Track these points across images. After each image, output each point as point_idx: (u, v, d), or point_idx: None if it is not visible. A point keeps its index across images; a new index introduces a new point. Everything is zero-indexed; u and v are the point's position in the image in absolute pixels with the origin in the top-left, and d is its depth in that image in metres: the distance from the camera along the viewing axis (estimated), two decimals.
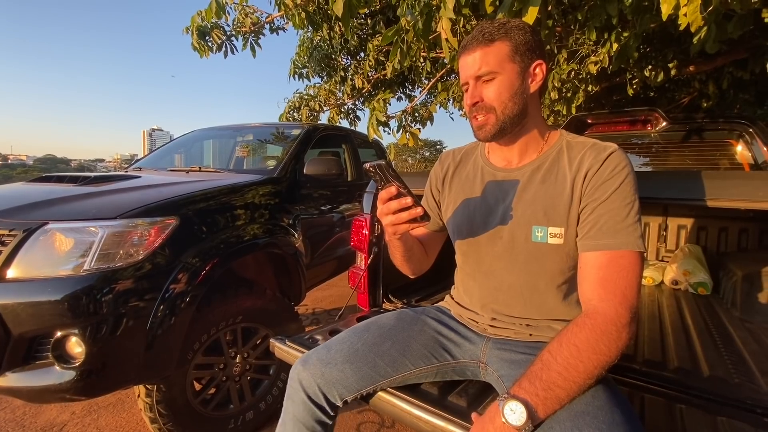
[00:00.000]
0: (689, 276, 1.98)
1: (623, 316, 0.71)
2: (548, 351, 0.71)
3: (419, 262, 1.08)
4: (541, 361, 0.70)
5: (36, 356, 1.29)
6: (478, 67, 0.86)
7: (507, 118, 0.87)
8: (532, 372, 0.69)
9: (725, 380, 1.09)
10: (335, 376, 0.90)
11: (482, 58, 0.85)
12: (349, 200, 2.74)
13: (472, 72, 0.87)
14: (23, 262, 1.29)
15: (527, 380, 0.68)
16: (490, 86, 0.86)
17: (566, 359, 0.68)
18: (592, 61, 2.66)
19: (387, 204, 0.80)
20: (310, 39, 4.71)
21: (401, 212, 0.79)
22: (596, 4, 1.66)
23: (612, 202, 0.79)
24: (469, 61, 0.87)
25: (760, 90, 4.10)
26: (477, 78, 0.87)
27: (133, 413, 1.92)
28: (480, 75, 0.86)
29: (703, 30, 1.52)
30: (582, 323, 0.72)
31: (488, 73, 0.85)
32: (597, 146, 0.85)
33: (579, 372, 0.67)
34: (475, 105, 0.88)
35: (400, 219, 0.80)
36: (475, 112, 0.89)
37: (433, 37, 1.90)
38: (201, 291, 1.50)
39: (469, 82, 0.89)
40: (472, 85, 0.88)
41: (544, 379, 0.67)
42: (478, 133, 0.91)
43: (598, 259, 0.78)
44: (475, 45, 0.86)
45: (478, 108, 0.88)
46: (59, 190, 1.65)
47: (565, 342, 0.70)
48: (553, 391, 0.66)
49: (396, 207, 0.79)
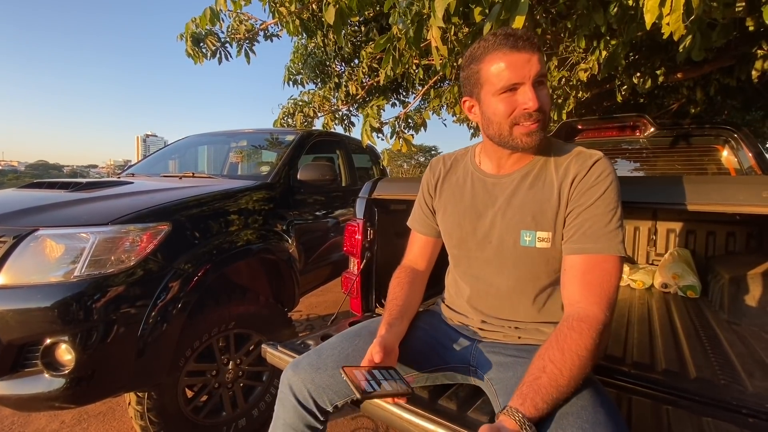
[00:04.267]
0: (678, 279, 2.01)
1: (608, 318, 0.75)
2: (552, 362, 0.70)
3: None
4: (546, 375, 0.69)
5: (25, 364, 1.27)
6: (539, 68, 0.81)
7: (547, 125, 0.86)
8: (541, 387, 0.68)
9: (712, 382, 1.10)
10: (325, 381, 0.90)
11: (541, 61, 0.81)
12: (343, 206, 2.75)
13: (535, 72, 0.80)
14: (13, 268, 1.28)
15: (541, 399, 0.67)
16: (544, 91, 0.83)
17: (571, 370, 0.69)
18: (582, 69, 2.70)
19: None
20: (304, 46, 4.74)
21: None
22: (583, 13, 1.70)
23: (596, 208, 0.82)
24: (527, 60, 0.80)
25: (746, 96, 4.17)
26: (535, 81, 0.81)
27: (124, 421, 1.90)
28: (542, 75, 0.82)
29: (688, 38, 1.56)
30: (579, 328, 0.73)
31: (545, 76, 0.83)
32: (583, 154, 0.88)
33: (580, 378, 0.70)
34: (538, 109, 0.81)
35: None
36: (534, 117, 0.82)
37: (424, 45, 1.92)
38: (193, 297, 1.50)
39: (526, 83, 0.81)
40: (529, 88, 0.81)
41: (554, 398, 0.67)
42: (528, 139, 0.83)
43: (583, 263, 0.81)
44: (529, 47, 0.80)
45: (536, 115, 0.82)
46: (50, 196, 1.65)
47: (567, 351, 0.70)
48: (556, 401, 0.68)
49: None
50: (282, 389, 0.94)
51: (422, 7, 1.49)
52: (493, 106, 0.85)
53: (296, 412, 0.90)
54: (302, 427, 0.90)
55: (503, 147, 0.89)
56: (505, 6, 1.15)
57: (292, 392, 0.91)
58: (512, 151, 0.91)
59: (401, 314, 0.99)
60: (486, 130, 0.90)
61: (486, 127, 0.90)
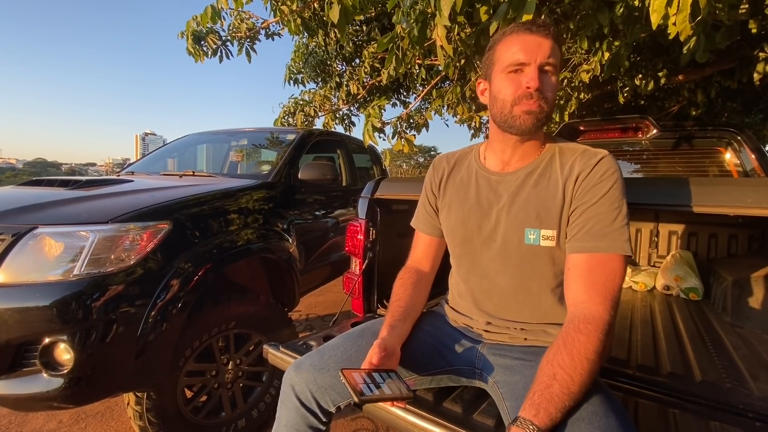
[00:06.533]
0: (680, 281, 2.00)
1: (613, 318, 0.75)
2: (562, 368, 0.68)
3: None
4: (558, 382, 0.67)
5: (23, 363, 1.26)
6: (549, 54, 0.82)
7: (547, 115, 0.86)
8: (553, 396, 0.66)
9: (717, 385, 1.09)
10: (328, 382, 0.89)
11: (553, 49, 0.82)
12: (344, 205, 2.74)
13: (543, 57, 0.82)
14: (12, 266, 1.26)
15: (555, 408, 0.65)
16: (550, 79, 0.84)
17: (582, 375, 0.68)
18: (584, 70, 2.69)
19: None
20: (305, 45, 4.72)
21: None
22: (588, 13, 1.69)
23: (601, 206, 0.81)
24: (538, 44, 0.82)
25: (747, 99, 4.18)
26: (542, 65, 0.82)
27: (123, 422, 1.88)
28: (549, 63, 0.82)
29: (692, 40, 1.56)
30: (586, 330, 0.72)
31: (554, 66, 0.83)
32: (588, 152, 0.87)
33: (590, 382, 0.69)
34: (537, 90, 0.82)
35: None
36: (534, 97, 0.83)
37: (428, 45, 1.91)
38: (193, 297, 1.48)
39: (531, 64, 0.82)
40: (534, 69, 0.82)
41: (567, 405, 0.66)
42: (525, 118, 0.84)
43: (587, 262, 0.80)
44: (545, 33, 0.82)
45: (537, 95, 0.82)
46: (49, 194, 1.63)
47: (576, 356, 0.69)
48: (569, 408, 0.67)
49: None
50: (284, 390, 0.92)
51: (427, 5, 1.48)
52: (499, 84, 0.88)
53: (299, 413, 0.89)
54: (305, 428, 0.89)
55: (504, 129, 0.90)
56: (512, 5, 1.14)
57: (295, 393, 0.90)
58: (516, 142, 0.91)
59: (404, 316, 0.98)
60: (491, 109, 0.92)
61: (492, 106, 0.92)
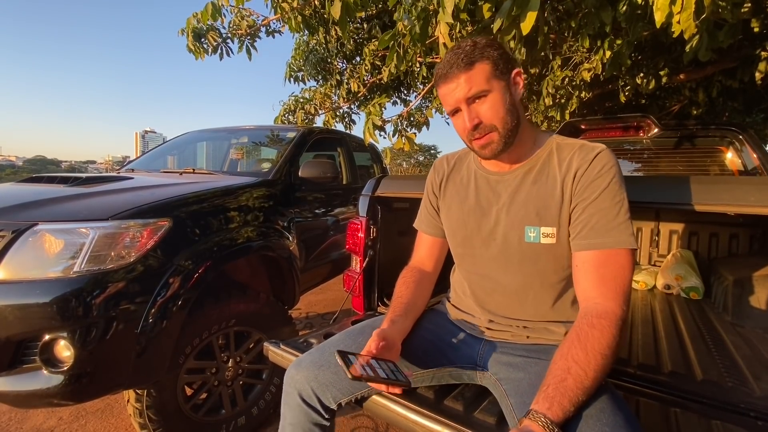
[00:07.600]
0: (681, 281, 2.00)
1: (626, 312, 0.75)
2: (576, 363, 0.69)
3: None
4: (572, 376, 0.67)
5: (23, 360, 1.26)
6: (467, 89, 0.84)
7: (508, 131, 0.86)
8: (567, 389, 0.66)
9: (718, 384, 1.09)
10: (329, 379, 0.89)
11: (468, 81, 0.84)
12: (344, 203, 2.74)
13: (462, 95, 0.85)
14: (12, 263, 1.26)
15: (568, 402, 0.65)
16: (484, 105, 0.85)
17: (596, 371, 0.68)
18: (586, 68, 2.68)
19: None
20: (306, 42, 4.71)
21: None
22: (591, 11, 1.68)
23: (602, 201, 0.81)
24: (454, 86, 0.86)
25: (748, 98, 4.18)
26: (468, 100, 0.86)
27: (122, 419, 1.88)
28: (471, 96, 0.85)
29: (695, 38, 1.55)
30: (600, 325, 0.72)
31: (480, 92, 0.84)
32: (585, 147, 0.87)
33: (603, 378, 0.70)
34: (476, 127, 0.86)
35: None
36: (477, 135, 0.87)
37: (430, 42, 1.91)
38: (193, 294, 1.48)
39: (461, 106, 0.87)
40: (466, 108, 0.86)
41: (580, 400, 0.66)
42: (483, 152, 0.89)
43: (595, 258, 0.80)
44: (456, 71, 0.85)
45: (480, 129, 0.86)
46: (50, 191, 1.62)
47: (591, 351, 0.69)
48: (581, 403, 0.67)
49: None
50: (286, 389, 0.92)
51: (429, 2, 1.48)
52: (453, 122, 0.94)
53: (302, 411, 0.89)
54: (309, 425, 0.89)
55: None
56: (516, 2, 1.14)
57: (296, 390, 0.90)
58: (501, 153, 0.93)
59: (405, 312, 0.98)
60: None
61: None
